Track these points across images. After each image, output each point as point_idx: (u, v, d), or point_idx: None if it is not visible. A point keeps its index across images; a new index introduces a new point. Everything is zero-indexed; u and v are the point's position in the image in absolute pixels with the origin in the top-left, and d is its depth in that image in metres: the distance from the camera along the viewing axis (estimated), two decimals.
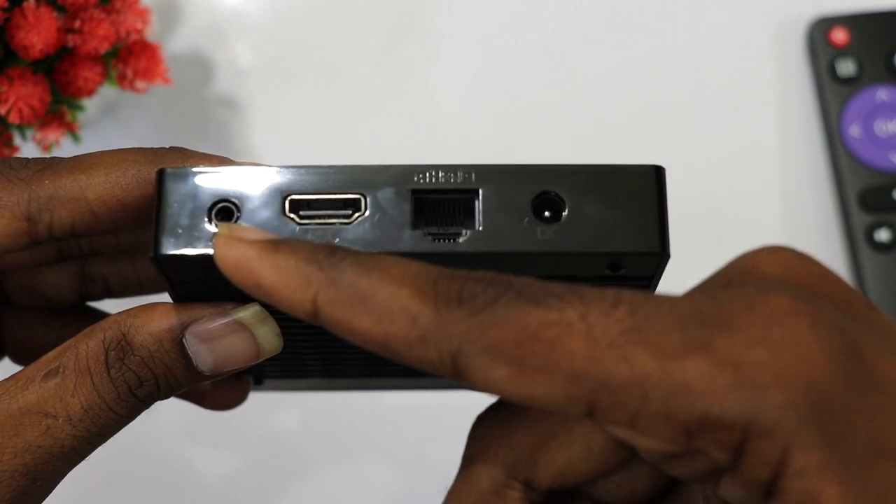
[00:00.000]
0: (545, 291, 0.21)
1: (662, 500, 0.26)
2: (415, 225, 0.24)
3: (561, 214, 0.24)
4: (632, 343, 0.20)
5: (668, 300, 0.21)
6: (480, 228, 0.24)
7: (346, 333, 0.22)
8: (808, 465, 0.19)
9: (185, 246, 0.24)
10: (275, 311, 0.27)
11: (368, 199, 0.24)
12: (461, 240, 0.24)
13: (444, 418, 0.27)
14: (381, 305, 0.21)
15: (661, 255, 0.24)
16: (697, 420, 0.20)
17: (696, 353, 0.20)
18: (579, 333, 0.20)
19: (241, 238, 0.23)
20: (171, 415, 0.49)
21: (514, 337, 0.20)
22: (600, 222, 0.24)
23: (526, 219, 0.24)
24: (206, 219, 0.24)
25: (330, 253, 0.22)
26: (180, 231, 0.24)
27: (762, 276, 0.22)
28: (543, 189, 0.24)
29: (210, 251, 0.24)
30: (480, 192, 0.24)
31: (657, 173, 0.25)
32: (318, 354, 0.32)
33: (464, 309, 0.21)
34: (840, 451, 0.19)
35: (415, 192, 0.24)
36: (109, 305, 0.34)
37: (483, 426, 0.26)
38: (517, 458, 0.25)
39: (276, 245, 0.22)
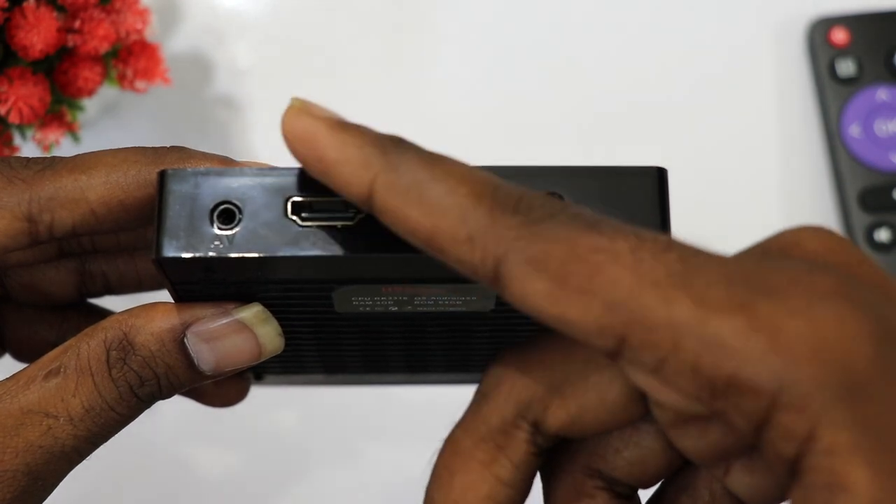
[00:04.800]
0: (602, 219, 0.21)
1: (667, 494, 0.25)
2: None
3: None
4: (676, 287, 0.20)
5: (718, 258, 0.20)
6: None
7: (394, 223, 0.22)
8: (836, 443, 0.19)
9: (188, 248, 0.24)
10: (275, 310, 0.27)
11: None
12: None
13: (446, 414, 0.27)
14: (435, 198, 0.21)
15: None
16: (725, 378, 0.19)
17: (736, 311, 0.19)
18: (626, 265, 0.20)
19: (311, 112, 0.23)
20: (171, 412, 0.49)
21: (561, 253, 0.20)
22: None
23: None
24: (208, 221, 0.24)
25: (397, 142, 0.22)
26: (182, 233, 0.24)
27: (804, 252, 0.22)
28: (547, 190, 0.24)
29: (212, 254, 0.24)
30: None
31: (660, 175, 0.25)
32: (319, 351, 0.32)
33: (518, 217, 0.21)
34: (872, 436, 0.19)
35: None
36: (110, 302, 0.34)
37: (501, 364, 0.25)
38: (530, 399, 0.24)
39: (344, 124, 0.23)
